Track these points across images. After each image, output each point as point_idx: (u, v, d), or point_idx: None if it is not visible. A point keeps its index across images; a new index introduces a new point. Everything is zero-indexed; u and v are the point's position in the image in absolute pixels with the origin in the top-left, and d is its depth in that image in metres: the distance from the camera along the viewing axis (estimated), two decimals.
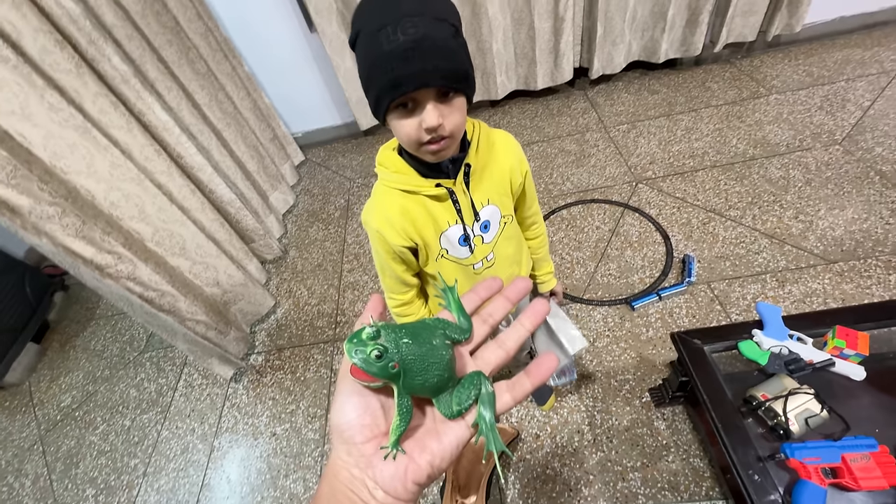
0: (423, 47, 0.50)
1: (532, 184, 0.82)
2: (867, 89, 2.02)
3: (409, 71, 0.51)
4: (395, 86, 0.52)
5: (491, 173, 0.71)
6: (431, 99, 0.55)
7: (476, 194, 0.70)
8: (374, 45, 0.52)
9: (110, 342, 1.98)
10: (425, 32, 0.50)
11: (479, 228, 0.73)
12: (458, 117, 0.58)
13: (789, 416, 0.81)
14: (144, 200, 1.33)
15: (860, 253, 1.48)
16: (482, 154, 0.69)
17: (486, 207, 0.72)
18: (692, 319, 1.45)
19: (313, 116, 2.62)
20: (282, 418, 1.53)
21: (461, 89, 0.57)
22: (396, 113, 0.57)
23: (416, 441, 0.28)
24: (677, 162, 1.97)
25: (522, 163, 0.77)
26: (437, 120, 0.55)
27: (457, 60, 0.54)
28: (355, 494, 0.27)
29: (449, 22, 0.54)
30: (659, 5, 2.16)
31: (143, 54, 1.47)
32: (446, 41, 0.53)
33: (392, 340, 0.27)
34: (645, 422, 1.27)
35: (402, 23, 0.50)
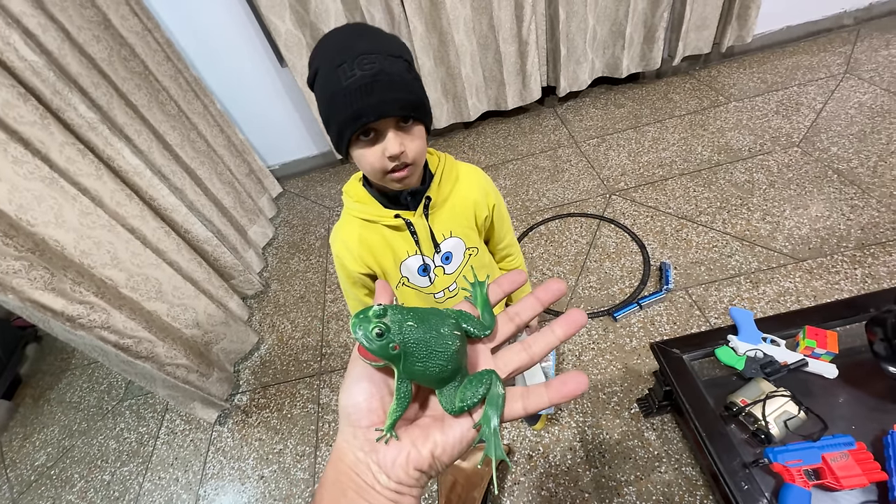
0: (380, 80, 0.53)
1: (503, 216, 0.83)
2: (818, 92, 2.13)
3: (369, 102, 0.54)
4: (357, 117, 0.55)
5: (453, 206, 0.73)
6: (391, 128, 0.57)
7: (437, 226, 0.72)
8: (333, 81, 0.55)
9: (87, 393, 1.91)
10: (381, 68, 0.54)
11: (439, 259, 0.75)
12: (418, 144, 0.61)
13: (769, 420, 0.82)
14: (117, 246, 1.30)
15: (826, 249, 1.54)
16: (444, 187, 0.71)
17: (448, 240, 0.74)
18: (673, 326, 1.47)
19: (289, 148, 2.64)
20: (269, 459, 1.48)
21: (418, 118, 0.60)
22: (359, 145, 0.59)
23: (420, 429, 0.28)
24: (647, 172, 2.03)
25: (489, 196, 0.77)
26: (399, 147, 0.58)
27: (413, 91, 0.57)
28: (360, 477, 0.27)
29: (403, 58, 0.58)
30: (616, 25, 2.26)
31: (110, 100, 1.47)
32: (401, 75, 0.56)
33: (397, 321, 0.26)
34: (635, 433, 1.27)
35: (359, 60, 0.53)
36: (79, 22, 1.43)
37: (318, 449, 1.47)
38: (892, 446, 0.76)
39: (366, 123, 0.55)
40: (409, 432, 0.28)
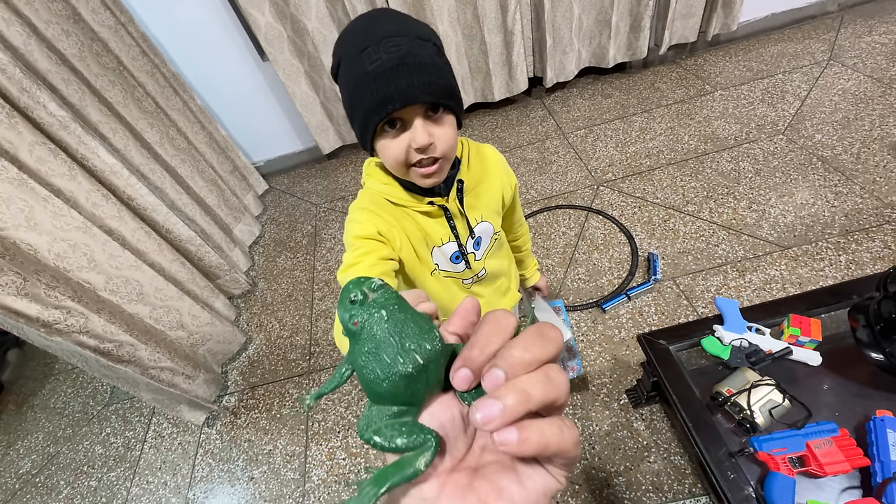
0: (407, 63, 0.49)
1: (518, 195, 0.81)
2: (802, 80, 2.14)
3: (396, 87, 0.49)
4: (382, 104, 0.50)
5: (484, 190, 0.69)
6: (419, 116, 0.53)
7: (470, 211, 0.68)
8: (357, 67, 0.51)
9: (71, 398, 1.88)
10: (409, 50, 0.49)
11: (471, 245, 0.71)
12: (449, 136, 0.56)
13: (754, 409, 0.83)
14: (94, 248, 1.27)
15: (811, 237, 1.55)
16: (474, 170, 0.67)
17: (480, 224, 0.70)
18: (661, 316, 1.47)
19: (274, 144, 2.59)
20: (259, 460, 1.47)
21: (450, 106, 0.55)
22: (383, 135, 0.55)
23: (489, 482, 0.21)
24: (635, 162, 2.02)
25: (511, 177, 0.75)
26: (428, 138, 0.53)
27: (443, 76, 0.53)
28: None
29: (432, 42, 0.53)
30: (602, 13, 2.24)
31: (83, 97, 1.42)
32: (431, 58, 0.52)
33: (377, 304, 0.22)
34: (624, 424, 1.27)
35: (384, 43, 0.49)
36: (46, 16, 1.38)
37: (308, 448, 1.46)
38: (874, 432, 0.76)
39: (392, 111, 0.51)
40: (475, 488, 0.21)
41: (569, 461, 0.21)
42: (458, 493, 0.21)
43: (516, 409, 0.19)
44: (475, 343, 0.22)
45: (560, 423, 0.20)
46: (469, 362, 0.22)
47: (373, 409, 0.23)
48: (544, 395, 0.19)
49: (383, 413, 0.23)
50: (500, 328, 0.22)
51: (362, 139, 0.57)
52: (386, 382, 0.22)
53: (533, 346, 0.21)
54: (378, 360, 0.22)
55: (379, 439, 0.22)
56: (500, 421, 0.19)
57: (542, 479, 0.21)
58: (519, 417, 0.19)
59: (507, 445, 0.19)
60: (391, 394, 0.22)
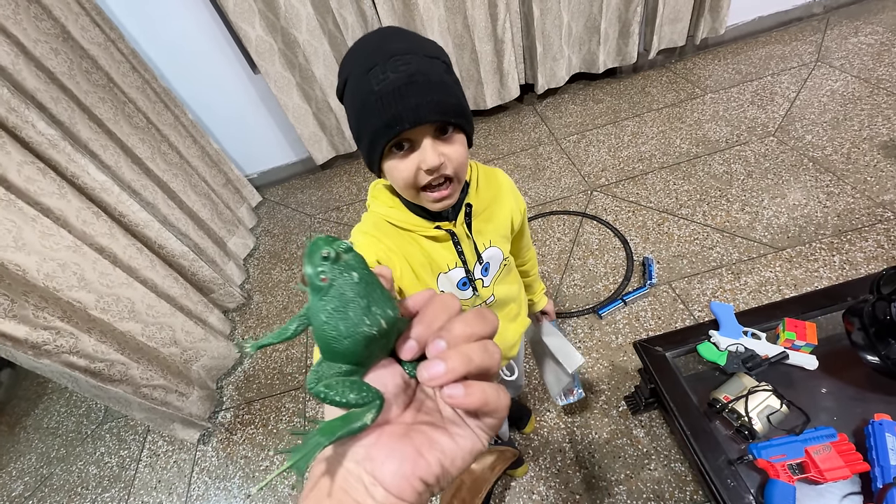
0: (416, 82, 0.48)
1: (526, 219, 0.80)
2: (791, 81, 2.16)
3: (404, 107, 0.48)
4: (390, 125, 0.49)
5: (493, 215, 0.67)
6: (429, 136, 0.51)
7: (478, 236, 0.66)
8: (364, 86, 0.49)
9: (65, 417, 1.85)
10: (417, 68, 0.48)
11: (480, 271, 0.69)
12: (460, 155, 0.54)
13: (752, 416, 0.82)
14: (84, 267, 1.26)
15: (805, 238, 1.55)
16: (483, 194, 0.65)
17: (488, 249, 0.68)
18: (658, 321, 1.47)
19: (267, 156, 2.59)
20: (256, 477, 1.45)
21: (460, 125, 0.53)
22: (392, 156, 0.53)
23: (424, 435, 0.24)
24: (627, 167, 2.03)
25: (520, 201, 0.73)
26: (438, 159, 0.51)
27: (453, 95, 0.51)
28: (349, 495, 0.22)
29: (441, 60, 0.52)
30: (591, 20, 2.25)
31: (72, 115, 1.41)
32: (440, 76, 0.50)
33: (348, 265, 0.23)
34: (624, 431, 1.26)
35: (392, 61, 0.48)
36: (34, 35, 1.38)
37: None
38: (872, 437, 0.76)
39: (400, 132, 0.49)
40: (411, 437, 0.23)
41: (496, 423, 0.25)
42: (395, 441, 0.23)
43: (458, 369, 0.22)
44: (422, 319, 0.25)
45: (497, 387, 0.24)
46: (416, 334, 0.25)
47: (323, 364, 0.25)
48: (481, 361, 0.23)
49: (333, 369, 0.24)
50: (446, 308, 0.25)
51: (369, 161, 0.55)
52: (347, 340, 0.23)
53: (473, 322, 0.24)
54: (344, 318, 0.23)
55: (331, 393, 0.23)
56: (444, 378, 0.22)
57: (469, 438, 0.25)
58: (460, 377, 0.22)
59: (454, 398, 0.22)
60: (349, 352, 0.24)
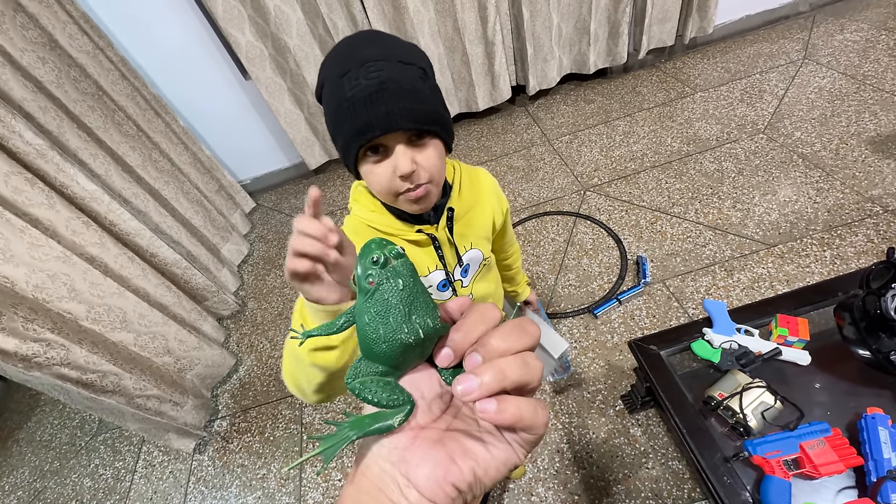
0: (387, 89, 0.48)
1: (510, 218, 0.80)
2: (779, 79, 2.18)
3: (375, 114, 0.48)
4: (362, 131, 0.50)
5: (475, 217, 0.68)
6: (402, 143, 0.52)
7: (460, 239, 0.67)
8: (338, 91, 0.50)
9: (58, 430, 1.83)
10: (389, 75, 0.49)
11: (459, 273, 0.70)
12: (434, 161, 0.54)
13: (746, 413, 0.82)
14: (74, 278, 1.24)
15: (796, 233, 1.56)
16: (466, 197, 0.66)
17: (469, 251, 0.69)
18: (652, 319, 1.47)
19: (260, 162, 2.58)
20: (253, 486, 1.44)
21: (434, 132, 0.54)
22: (367, 161, 0.54)
23: (458, 443, 0.24)
24: (620, 166, 2.04)
25: (501, 201, 0.74)
26: (410, 166, 0.52)
27: (425, 101, 0.51)
28: (384, 494, 0.23)
29: (416, 66, 0.52)
30: (581, 21, 2.27)
31: (60, 124, 1.40)
32: (412, 83, 0.51)
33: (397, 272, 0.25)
34: (621, 430, 1.26)
35: (365, 68, 0.49)
36: (21, 44, 1.37)
37: (304, 470, 1.43)
38: (866, 430, 0.76)
39: (372, 138, 0.50)
40: (445, 444, 0.24)
41: (533, 439, 0.24)
42: (428, 445, 0.24)
43: (492, 385, 0.22)
44: (460, 328, 0.25)
45: (535, 403, 0.23)
46: (452, 343, 0.25)
47: (362, 362, 0.26)
48: (518, 376, 0.23)
49: (371, 368, 0.26)
50: (485, 318, 0.25)
51: (346, 163, 0.56)
52: (385, 345, 0.24)
53: (511, 336, 0.24)
54: (385, 323, 0.24)
55: (364, 390, 0.24)
56: (477, 394, 0.22)
57: (504, 450, 0.24)
58: (494, 393, 0.22)
59: (486, 413, 0.22)
60: (385, 356, 0.25)
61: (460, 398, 0.22)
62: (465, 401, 0.23)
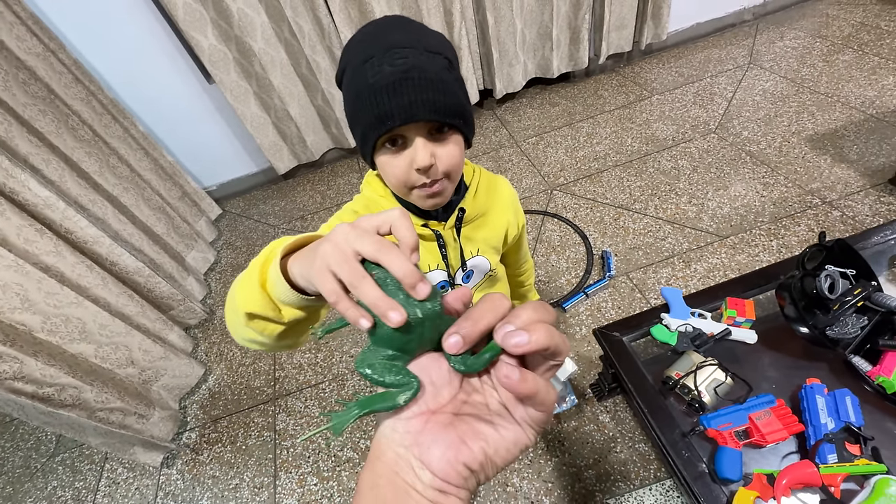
0: (411, 78, 0.46)
1: (525, 234, 0.78)
2: (728, 83, 2.32)
3: (397, 103, 0.47)
4: (382, 120, 0.48)
5: (487, 223, 0.66)
6: (422, 135, 0.50)
7: (467, 243, 0.65)
8: (360, 77, 0.48)
9: (10, 453, 1.72)
10: (414, 63, 0.47)
11: (461, 277, 0.69)
12: (453, 156, 0.52)
13: (700, 389, 0.88)
14: (27, 288, 1.19)
15: (745, 225, 1.67)
16: (480, 201, 0.64)
17: (475, 258, 0.67)
18: (618, 311, 1.54)
19: (226, 167, 2.53)
20: (225, 496, 1.40)
21: (456, 126, 0.51)
22: (384, 152, 0.52)
23: (468, 425, 0.25)
24: (584, 166, 2.12)
25: (519, 215, 0.72)
26: (429, 159, 0.50)
27: (450, 93, 0.49)
28: (399, 476, 0.24)
29: (443, 56, 0.50)
30: (543, 27, 2.35)
31: (9, 129, 1.34)
32: (438, 73, 0.48)
33: None
34: (591, 418, 1.31)
35: (390, 54, 0.47)
36: None
37: (278, 478, 1.40)
38: (805, 399, 0.83)
39: (391, 128, 0.48)
40: (455, 426, 0.25)
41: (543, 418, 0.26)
42: (439, 428, 0.25)
43: (541, 340, 0.23)
44: (470, 316, 0.26)
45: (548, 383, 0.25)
46: (461, 329, 0.25)
47: (371, 349, 0.28)
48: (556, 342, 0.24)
49: (378, 354, 0.27)
50: (495, 307, 0.26)
51: (363, 152, 0.55)
52: (386, 325, 0.26)
53: (540, 309, 0.25)
54: None
55: (371, 372, 0.26)
56: (528, 347, 0.23)
57: (514, 431, 0.25)
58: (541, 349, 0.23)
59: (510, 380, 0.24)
60: (389, 337, 0.27)
61: (511, 350, 0.24)
62: (516, 352, 0.24)
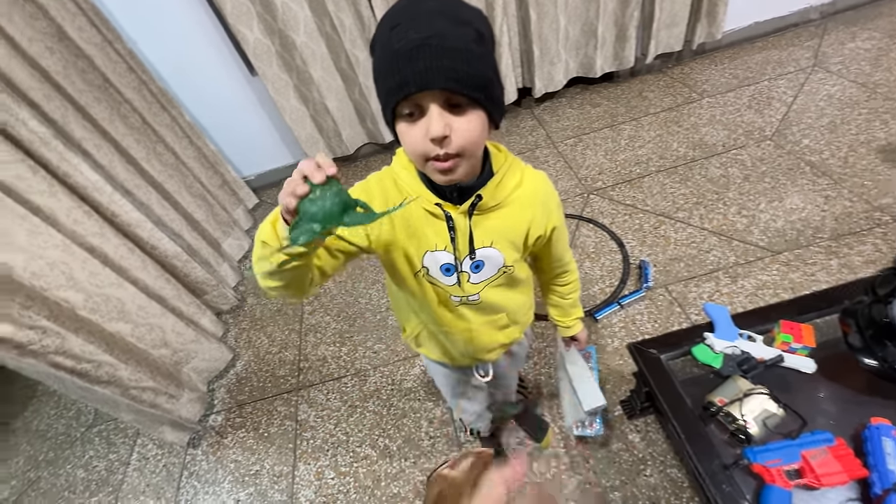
0: (430, 44, 0.45)
1: (563, 236, 0.73)
2: (788, 86, 2.16)
3: (413, 69, 0.45)
4: (399, 86, 0.47)
5: (506, 216, 0.63)
6: (439, 104, 0.48)
7: (479, 231, 0.62)
8: (386, 43, 0.48)
9: (55, 420, 1.83)
10: (438, 31, 0.46)
11: (469, 265, 0.65)
12: (470, 131, 0.50)
13: (747, 420, 0.80)
14: (72, 267, 1.24)
15: (802, 241, 1.54)
16: (501, 191, 0.61)
17: (487, 248, 0.64)
18: (654, 325, 1.45)
19: (265, 158, 2.58)
20: (245, 482, 1.42)
21: (477, 99, 0.49)
22: (403, 121, 0.52)
23: None
24: (624, 170, 2.02)
25: (551, 216, 0.67)
26: (443, 129, 0.48)
27: (472, 64, 0.47)
28: None
29: (473, 26, 0.49)
30: (588, 24, 2.26)
31: (65, 114, 1.41)
32: (463, 42, 0.47)
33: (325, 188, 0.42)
34: (619, 436, 1.24)
35: (417, 20, 0.46)
36: (29, 33, 1.37)
37: (296, 468, 1.42)
38: (870, 440, 0.74)
39: (407, 94, 0.47)
40: None
41: None
42: None
43: None
44: None
45: None
46: None
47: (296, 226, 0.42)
48: None
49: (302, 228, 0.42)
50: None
51: (386, 120, 0.54)
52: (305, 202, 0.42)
53: None
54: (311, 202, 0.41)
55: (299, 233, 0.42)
56: None
57: None
58: None
59: None
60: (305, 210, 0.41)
61: None
62: None
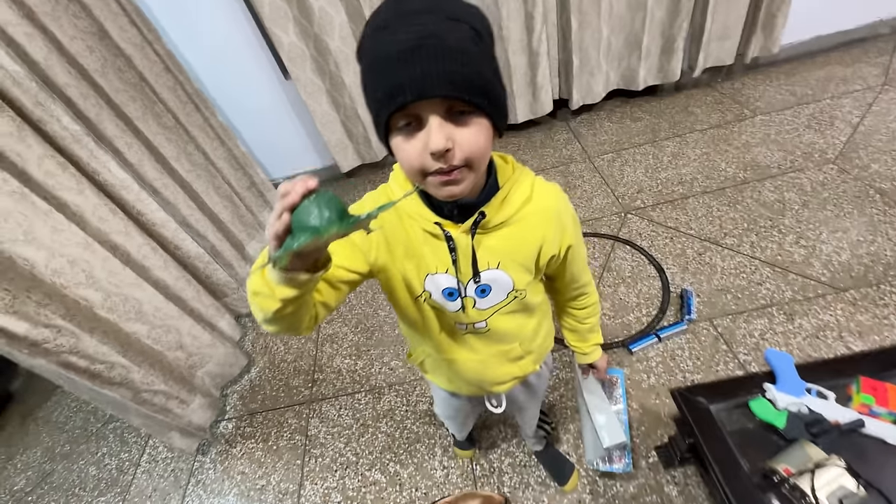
0: (427, 46, 0.40)
1: (580, 255, 0.66)
2: (854, 105, 1.98)
3: (409, 75, 0.40)
4: (392, 95, 0.42)
5: (512, 235, 0.56)
6: (438, 114, 0.43)
7: (482, 251, 0.56)
8: (373, 47, 0.43)
9: (74, 412, 1.84)
10: (432, 31, 0.41)
11: (473, 290, 0.59)
12: (476, 142, 0.45)
13: (819, 497, 0.68)
14: (93, 265, 1.23)
15: (871, 279, 1.37)
16: (508, 207, 0.55)
17: (491, 271, 0.57)
18: (696, 362, 1.32)
19: (294, 161, 2.59)
20: (250, 496, 1.37)
21: (480, 105, 0.44)
22: (397, 133, 0.46)
23: None
24: (666, 189, 1.89)
25: (565, 233, 0.60)
26: (445, 142, 0.42)
27: (472, 66, 0.42)
28: None
29: (469, 25, 0.44)
30: (633, 35, 2.15)
31: (100, 112, 1.42)
32: (460, 42, 0.42)
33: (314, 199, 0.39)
34: (654, 487, 1.12)
35: (407, 20, 0.42)
36: (71, 32, 1.39)
37: (303, 487, 1.35)
38: None
39: (403, 104, 0.42)
40: None
41: None
42: None
43: None
44: None
45: None
46: None
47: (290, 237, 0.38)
48: None
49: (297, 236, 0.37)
50: None
51: (378, 134, 0.48)
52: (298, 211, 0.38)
53: None
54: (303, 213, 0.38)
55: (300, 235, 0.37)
56: None
57: None
58: None
59: None
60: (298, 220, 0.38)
61: None
62: None
